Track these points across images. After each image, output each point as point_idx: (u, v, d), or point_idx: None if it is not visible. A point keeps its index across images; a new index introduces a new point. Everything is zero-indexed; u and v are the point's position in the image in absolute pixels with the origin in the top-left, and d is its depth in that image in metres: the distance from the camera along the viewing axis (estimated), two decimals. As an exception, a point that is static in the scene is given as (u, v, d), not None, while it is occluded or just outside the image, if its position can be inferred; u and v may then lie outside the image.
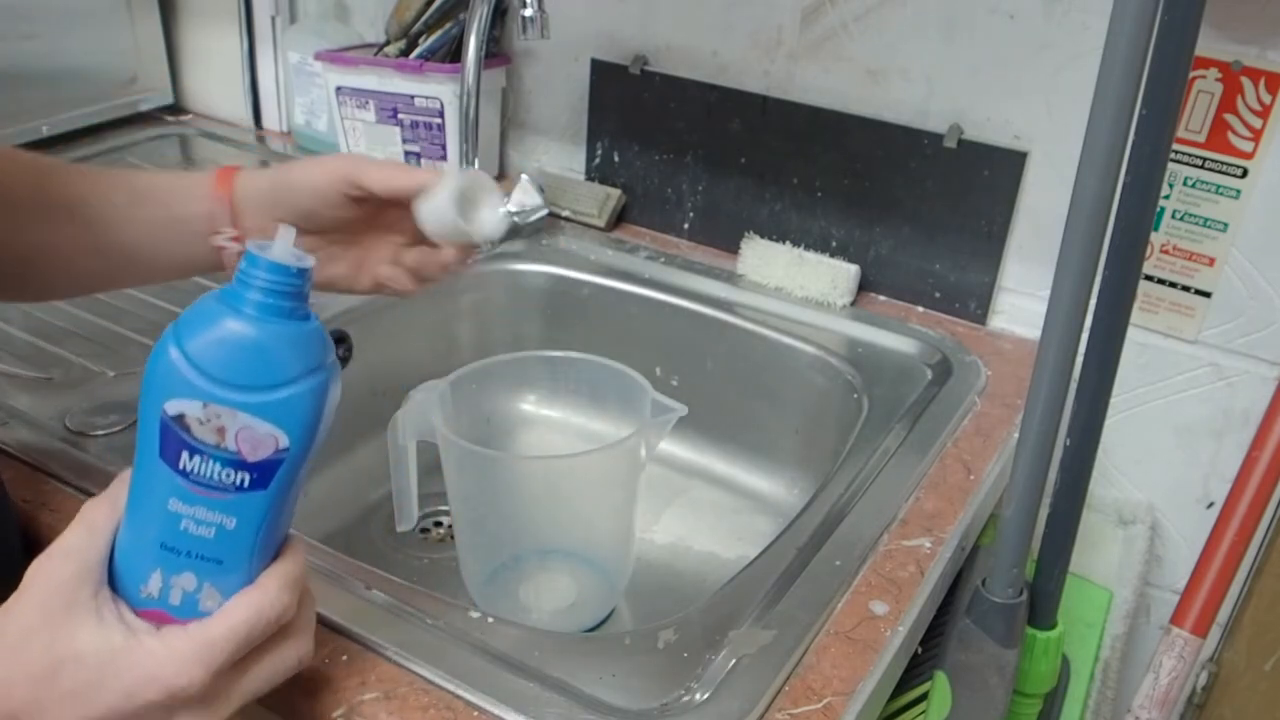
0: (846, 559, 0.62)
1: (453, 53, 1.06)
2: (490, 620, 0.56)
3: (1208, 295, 0.83)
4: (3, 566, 0.48)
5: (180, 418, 0.39)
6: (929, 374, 0.84)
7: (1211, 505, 0.88)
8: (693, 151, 1.00)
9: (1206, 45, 0.77)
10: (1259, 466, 0.83)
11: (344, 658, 0.52)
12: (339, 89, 1.08)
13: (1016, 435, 0.57)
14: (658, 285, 0.95)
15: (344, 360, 0.60)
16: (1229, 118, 0.78)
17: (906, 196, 0.91)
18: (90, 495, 0.61)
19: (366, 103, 1.08)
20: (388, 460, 0.70)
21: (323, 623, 0.54)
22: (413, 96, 1.06)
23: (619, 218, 1.06)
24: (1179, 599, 0.88)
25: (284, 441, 0.40)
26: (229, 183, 0.59)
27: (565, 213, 1.05)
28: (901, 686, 0.67)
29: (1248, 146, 0.78)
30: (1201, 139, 0.80)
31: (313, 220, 0.59)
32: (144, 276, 0.62)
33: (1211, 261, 0.82)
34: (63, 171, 0.59)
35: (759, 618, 0.57)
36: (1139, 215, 0.56)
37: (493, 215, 0.58)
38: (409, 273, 0.62)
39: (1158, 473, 0.90)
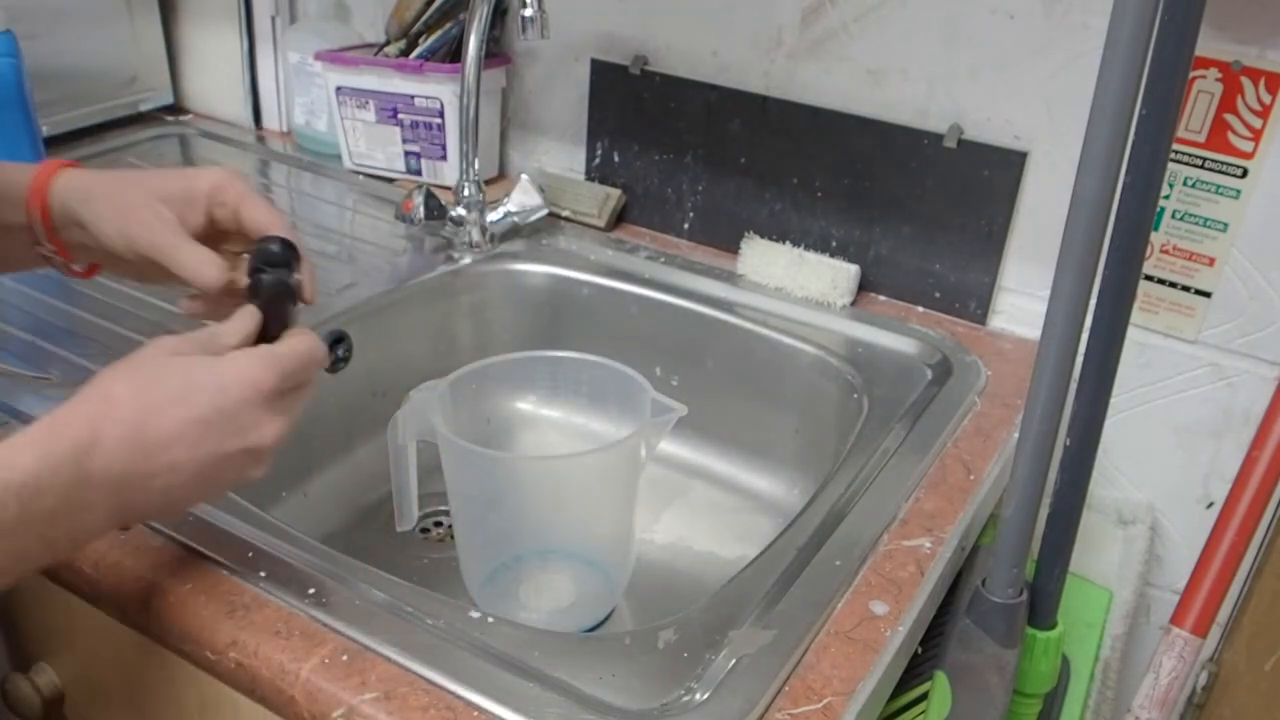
0: (846, 559, 0.62)
1: (453, 53, 1.06)
2: (490, 620, 0.55)
3: (1208, 295, 0.83)
4: None
5: None
6: (929, 374, 0.84)
7: (1211, 505, 0.88)
8: (693, 151, 1.00)
9: (1206, 45, 0.77)
10: (1259, 466, 0.83)
11: (344, 658, 0.52)
12: (339, 89, 1.09)
13: (1016, 435, 0.57)
14: (658, 285, 0.95)
15: (344, 360, 0.60)
16: (1229, 118, 0.78)
17: (906, 196, 0.91)
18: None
19: (366, 103, 1.08)
20: (388, 460, 0.70)
21: (323, 623, 0.54)
22: (413, 96, 1.06)
23: (619, 218, 1.06)
24: (1179, 599, 0.88)
25: None
26: (43, 194, 0.58)
27: (565, 213, 1.05)
28: (901, 686, 0.67)
29: (1248, 146, 0.78)
30: (1201, 139, 0.80)
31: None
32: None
33: (1211, 261, 0.82)
34: None
35: (759, 618, 0.57)
36: (1139, 215, 0.56)
37: None
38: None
39: (1158, 473, 0.90)
